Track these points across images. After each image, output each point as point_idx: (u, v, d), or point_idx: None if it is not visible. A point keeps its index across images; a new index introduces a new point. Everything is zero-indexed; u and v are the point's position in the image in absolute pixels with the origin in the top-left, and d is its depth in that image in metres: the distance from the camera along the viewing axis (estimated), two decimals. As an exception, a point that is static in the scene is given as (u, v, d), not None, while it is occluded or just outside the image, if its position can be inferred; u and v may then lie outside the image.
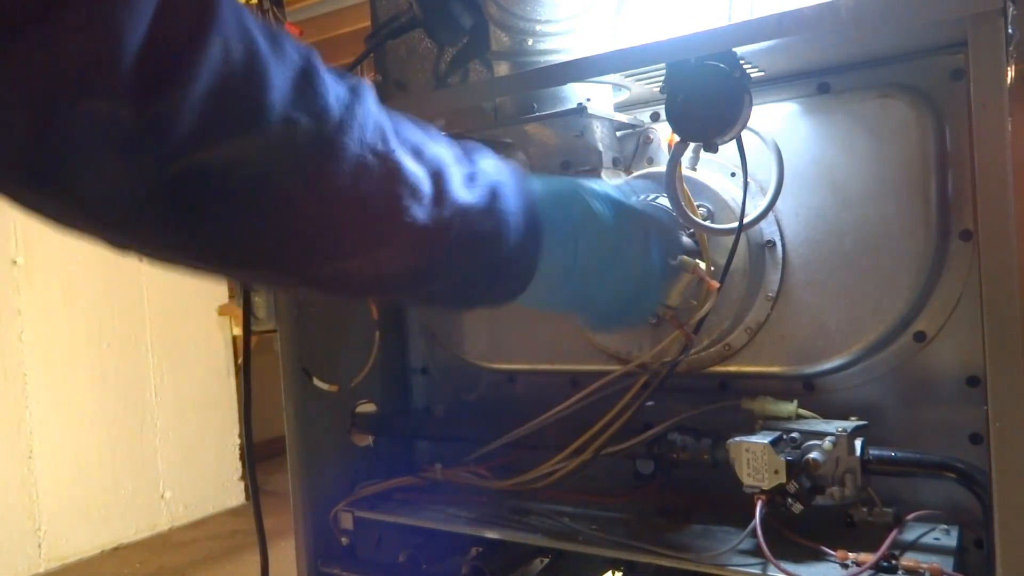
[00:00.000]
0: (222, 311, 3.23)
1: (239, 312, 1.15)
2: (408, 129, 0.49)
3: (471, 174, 0.52)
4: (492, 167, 0.54)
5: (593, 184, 0.63)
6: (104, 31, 0.34)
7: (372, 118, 0.45)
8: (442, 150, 0.51)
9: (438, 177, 0.49)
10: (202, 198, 0.40)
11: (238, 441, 3.44)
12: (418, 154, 0.48)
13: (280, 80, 0.40)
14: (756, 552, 0.66)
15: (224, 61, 0.38)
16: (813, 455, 0.65)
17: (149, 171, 0.37)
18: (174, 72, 0.36)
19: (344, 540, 0.91)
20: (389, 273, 0.49)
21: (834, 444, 0.65)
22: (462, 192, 0.50)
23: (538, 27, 0.73)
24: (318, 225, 0.44)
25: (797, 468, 0.65)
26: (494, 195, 0.52)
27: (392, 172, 0.45)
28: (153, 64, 0.35)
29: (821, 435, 0.66)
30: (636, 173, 0.80)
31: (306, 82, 0.42)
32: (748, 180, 0.67)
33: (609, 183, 0.70)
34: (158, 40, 0.35)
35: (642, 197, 0.75)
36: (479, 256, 0.52)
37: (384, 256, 0.47)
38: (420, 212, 0.47)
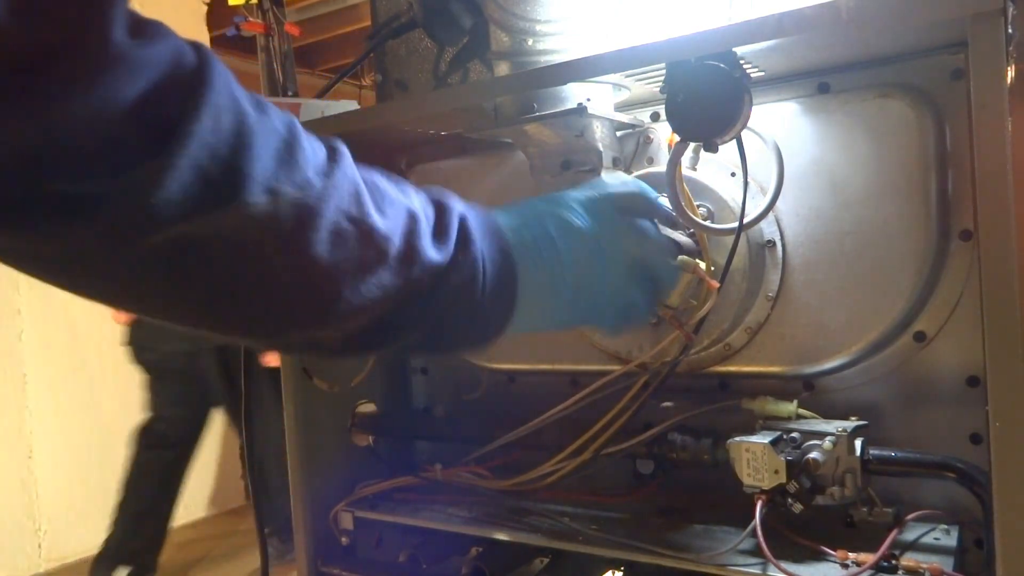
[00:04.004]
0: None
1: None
2: (379, 187, 0.49)
3: (440, 227, 0.52)
4: (459, 215, 0.54)
5: (571, 194, 0.63)
6: (95, 96, 0.33)
7: (348, 182, 0.46)
8: (412, 203, 0.51)
9: (409, 235, 0.49)
10: (185, 269, 0.40)
11: (238, 441, 3.44)
12: (390, 213, 0.48)
13: (265, 151, 0.40)
14: (756, 552, 0.66)
15: (213, 131, 0.37)
16: (813, 455, 0.65)
17: (127, 240, 0.37)
18: (162, 141, 0.36)
19: (344, 540, 0.91)
20: (360, 335, 0.49)
21: (834, 444, 0.65)
22: (432, 248, 0.50)
23: (538, 27, 0.73)
24: (293, 293, 0.44)
25: (797, 468, 0.65)
26: (464, 245, 0.52)
27: (365, 235, 0.46)
28: (142, 130, 0.35)
29: (821, 435, 0.66)
30: (636, 173, 0.80)
31: (289, 153, 0.42)
32: (748, 180, 0.67)
33: (598, 184, 0.69)
34: (149, 108, 0.35)
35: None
36: (452, 307, 0.52)
37: (354, 322, 0.47)
38: (389, 273, 0.47)
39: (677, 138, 0.68)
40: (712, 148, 0.65)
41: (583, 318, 0.64)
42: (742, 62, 0.63)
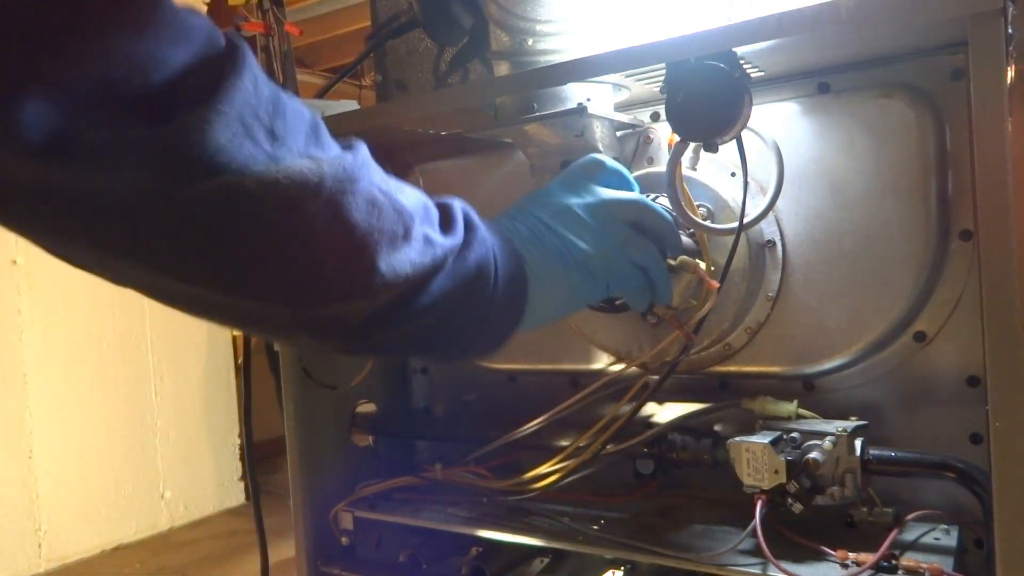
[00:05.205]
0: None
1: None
2: (394, 177, 0.51)
3: (446, 218, 0.54)
4: (461, 208, 0.56)
5: (551, 185, 0.66)
6: (143, 48, 0.36)
7: (373, 161, 0.49)
8: (421, 196, 0.53)
9: (425, 221, 0.51)
10: (232, 225, 0.41)
11: (238, 441, 3.44)
12: (408, 194, 0.51)
13: (298, 123, 0.43)
14: (756, 552, 0.66)
15: (255, 93, 0.40)
16: (813, 455, 0.65)
17: (180, 185, 0.38)
18: (210, 90, 0.38)
19: (344, 540, 0.91)
20: (383, 312, 0.49)
21: (834, 444, 0.65)
22: (442, 235, 0.52)
23: (538, 27, 0.73)
24: (332, 258, 0.45)
25: (797, 468, 0.65)
26: (471, 231, 0.54)
27: (396, 210, 0.48)
28: (190, 83, 0.37)
29: (821, 435, 0.66)
30: (636, 173, 0.80)
31: (318, 131, 0.45)
32: (748, 180, 0.67)
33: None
34: (198, 66, 0.38)
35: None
36: (469, 292, 0.53)
37: (384, 295, 0.48)
38: (415, 251, 0.49)
39: (677, 138, 0.68)
40: (712, 148, 0.65)
41: (592, 294, 0.65)
42: (742, 62, 0.63)
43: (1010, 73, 0.55)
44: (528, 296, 0.59)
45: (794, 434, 0.68)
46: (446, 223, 0.53)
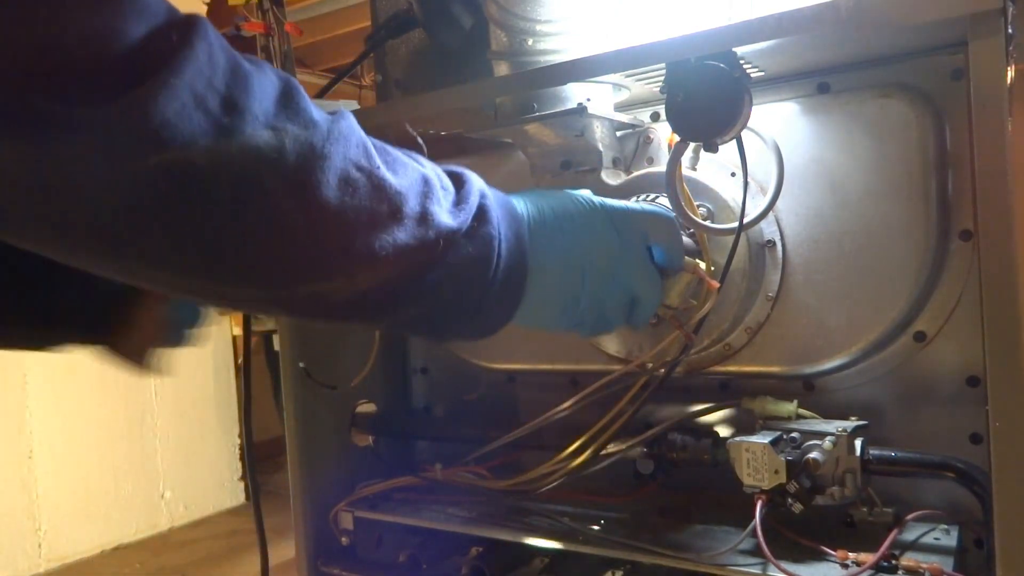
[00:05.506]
0: (222, 311, 3.23)
1: (239, 312, 1.15)
2: (388, 149, 0.49)
3: (457, 197, 0.51)
4: (480, 190, 0.53)
5: (608, 203, 0.63)
6: (96, 21, 0.35)
7: (354, 135, 0.46)
8: (427, 171, 0.50)
9: (424, 198, 0.48)
10: (186, 203, 0.39)
11: (238, 441, 3.44)
12: (402, 174, 0.48)
13: (263, 92, 0.41)
14: (756, 552, 0.66)
15: (209, 64, 0.38)
16: (813, 455, 0.65)
17: (129, 162, 0.37)
18: (158, 63, 0.37)
19: (344, 540, 0.91)
20: (368, 296, 0.47)
21: (834, 444, 0.65)
22: (448, 214, 0.49)
23: (538, 27, 0.73)
24: (301, 239, 0.43)
25: (797, 468, 0.65)
26: (482, 218, 0.51)
27: (376, 188, 0.45)
28: (140, 59, 0.36)
29: (821, 435, 0.66)
30: (636, 173, 0.80)
31: (289, 97, 0.42)
32: (748, 180, 0.67)
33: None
34: (149, 42, 0.37)
35: (642, 197, 0.75)
36: (464, 281, 0.51)
37: (364, 277, 0.46)
38: (403, 231, 0.46)
39: (677, 138, 0.68)
40: (712, 148, 0.65)
41: (575, 324, 0.63)
42: (742, 62, 0.63)
43: (1010, 73, 0.55)
44: (526, 291, 0.56)
45: (794, 434, 0.68)
46: (458, 201, 0.50)
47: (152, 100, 0.36)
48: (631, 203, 0.66)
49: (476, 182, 0.54)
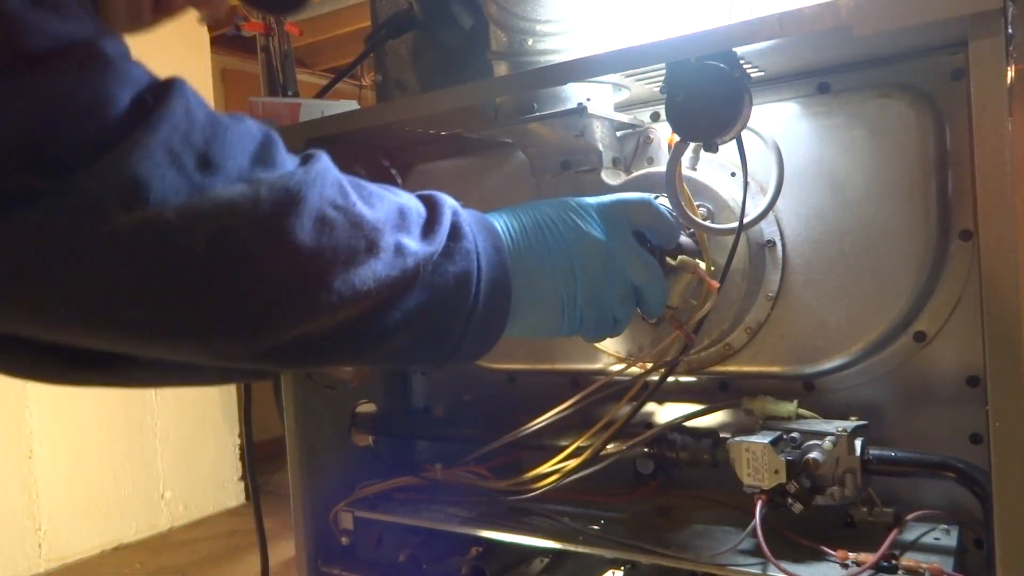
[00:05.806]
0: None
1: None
2: (362, 184, 0.49)
3: (430, 219, 0.52)
4: (451, 209, 0.54)
5: (584, 201, 0.63)
6: (87, 97, 0.36)
7: (330, 174, 0.46)
8: (402, 200, 0.51)
9: (398, 228, 0.49)
10: (162, 261, 0.39)
11: (238, 441, 3.44)
12: (378, 207, 0.48)
13: (240, 147, 0.41)
14: (756, 552, 0.66)
15: (186, 119, 0.39)
16: (813, 455, 0.65)
17: (102, 223, 0.36)
18: (133, 124, 0.37)
19: (344, 540, 0.91)
20: (354, 330, 0.47)
21: (834, 444, 0.65)
22: (423, 239, 0.50)
23: (538, 27, 0.73)
24: (281, 285, 0.43)
25: (797, 468, 0.65)
26: (456, 237, 0.52)
27: (354, 225, 0.45)
28: (119, 122, 0.37)
29: (821, 435, 0.66)
30: (636, 173, 0.80)
31: (264, 151, 0.43)
32: (748, 180, 0.67)
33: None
34: (129, 105, 0.37)
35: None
36: (448, 299, 0.51)
37: (346, 312, 0.46)
38: (381, 263, 0.46)
39: (677, 138, 0.68)
40: (712, 148, 0.65)
41: (577, 325, 0.62)
42: (742, 62, 0.63)
43: (1010, 73, 0.55)
44: (511, 307, 0.56)
45: (794, 434, 0.68)
46: (430, 225, 0.51)
47: (124, 159, 0.36)
48: (606, 196, 0.66)
49: (447, 202, 0.54)
